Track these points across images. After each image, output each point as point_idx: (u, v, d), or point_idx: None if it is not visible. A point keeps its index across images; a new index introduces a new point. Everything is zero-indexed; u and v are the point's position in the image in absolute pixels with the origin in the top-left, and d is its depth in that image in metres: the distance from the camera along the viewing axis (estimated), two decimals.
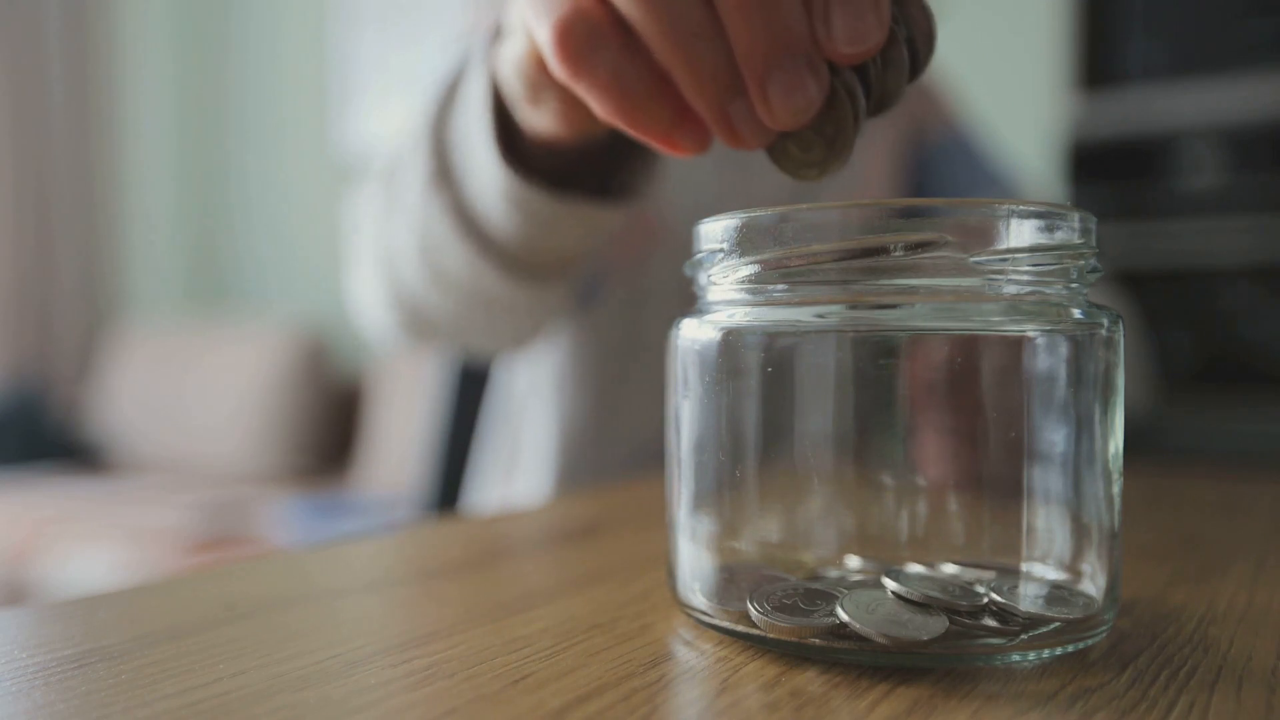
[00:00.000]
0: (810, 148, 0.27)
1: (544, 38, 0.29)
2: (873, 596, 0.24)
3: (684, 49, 0.26)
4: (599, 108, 0.29)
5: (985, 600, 0.24)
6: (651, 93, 0.28)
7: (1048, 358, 0.24)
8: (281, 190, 2.82)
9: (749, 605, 0.24)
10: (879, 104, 0.27)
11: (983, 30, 1.68)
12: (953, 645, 0.23)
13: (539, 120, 0.39)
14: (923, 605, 0.23)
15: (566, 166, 0.44)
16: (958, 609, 0.23)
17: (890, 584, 0.24)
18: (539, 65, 0.36)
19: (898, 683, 0.22)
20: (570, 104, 0.37)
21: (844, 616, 0.23)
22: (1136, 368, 0.78)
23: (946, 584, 0.25)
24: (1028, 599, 0.24)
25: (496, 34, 0.42)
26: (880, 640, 0.22)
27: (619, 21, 0.28)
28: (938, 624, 0.23)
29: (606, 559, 0.35)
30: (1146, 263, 1.33)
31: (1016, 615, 0.23)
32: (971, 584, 0.25)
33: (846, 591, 0.24)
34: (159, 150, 2.92)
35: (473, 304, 0.53)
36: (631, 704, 0.21)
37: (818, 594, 0.25)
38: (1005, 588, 0.24)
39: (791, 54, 0.25)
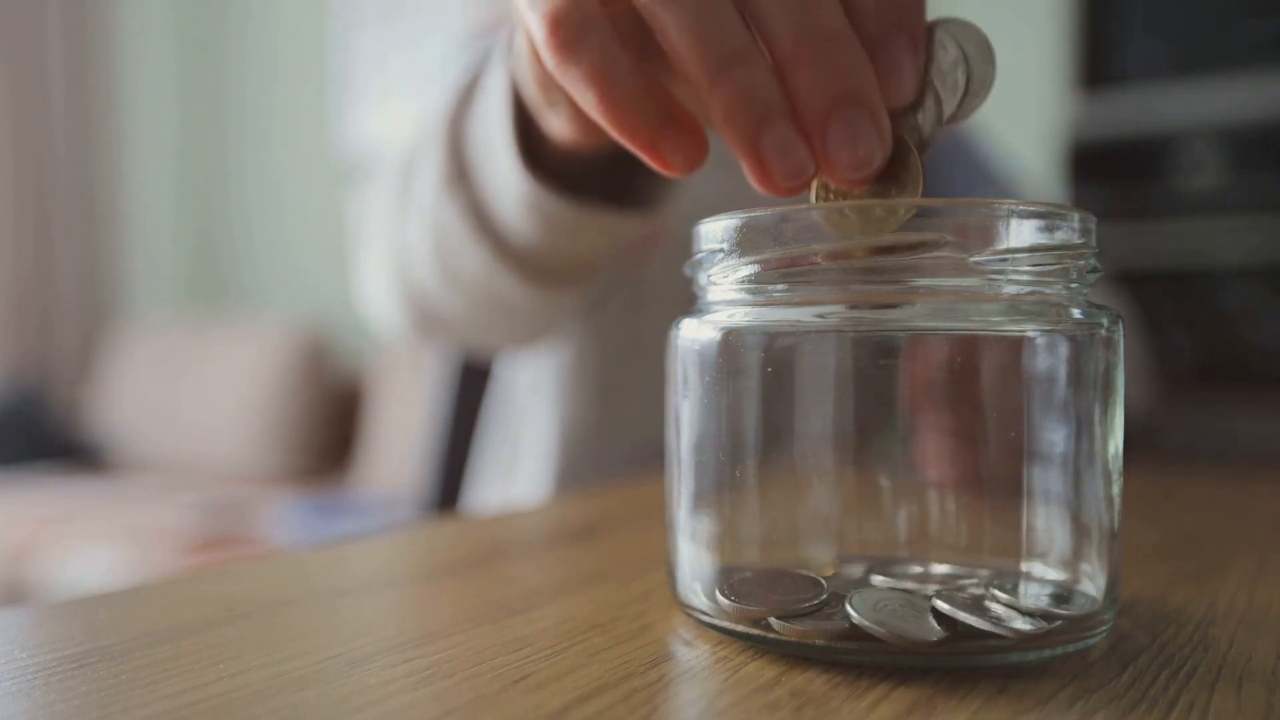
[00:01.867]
0: (869, 212, 0.24)
1: (536, 27, 0.28)
2: (879, 596, 0.24)
3: (717, 68, 0.24)
4: (584, 101, 0.28)
5: (986, 601, 0.24)
6: (639, 87, 0.27)
7: (1048, 358, 0.24)
8: (281, 190, 2.82)
9: (754, 606, 0.24)
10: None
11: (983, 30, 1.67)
12: (955, 645, 0.23)
13: (555, 124, 0.38)
14: (927, 605, 0.23)
15: (586, 172, 0.43)
16: (962, 609, 0.23)
17: (894, 584, 0.24)
18: (543, 63, 0.35)
19: (898, 683, 0.22)
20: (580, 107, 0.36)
21: (855, 617, 0.23)
22: (1136, 368, 0.78)
23: (948, 583, 0.25)
24: (1028, 599, 0.24)
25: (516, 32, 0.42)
26: (890, 640, 0.22)
27: (619, 23, 0.28)
28: (944, 624, 0.23)
29: (606, 559, 0.35)
30: (1146, 263, 1.33)
31: (1017, 615, 0.23)
32: (972, 584, 0.25)
33: (853, 591, 0.24)
34: (159, 150, 2.92)
35: (485, 305, 0.53)
36: (631, 704, 0.21)
37: (820, 594, 0.25)
38: (1005, 587, 0.24)
39: (857, 104, 0.24)
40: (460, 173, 0.47)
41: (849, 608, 0.23)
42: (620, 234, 0.46)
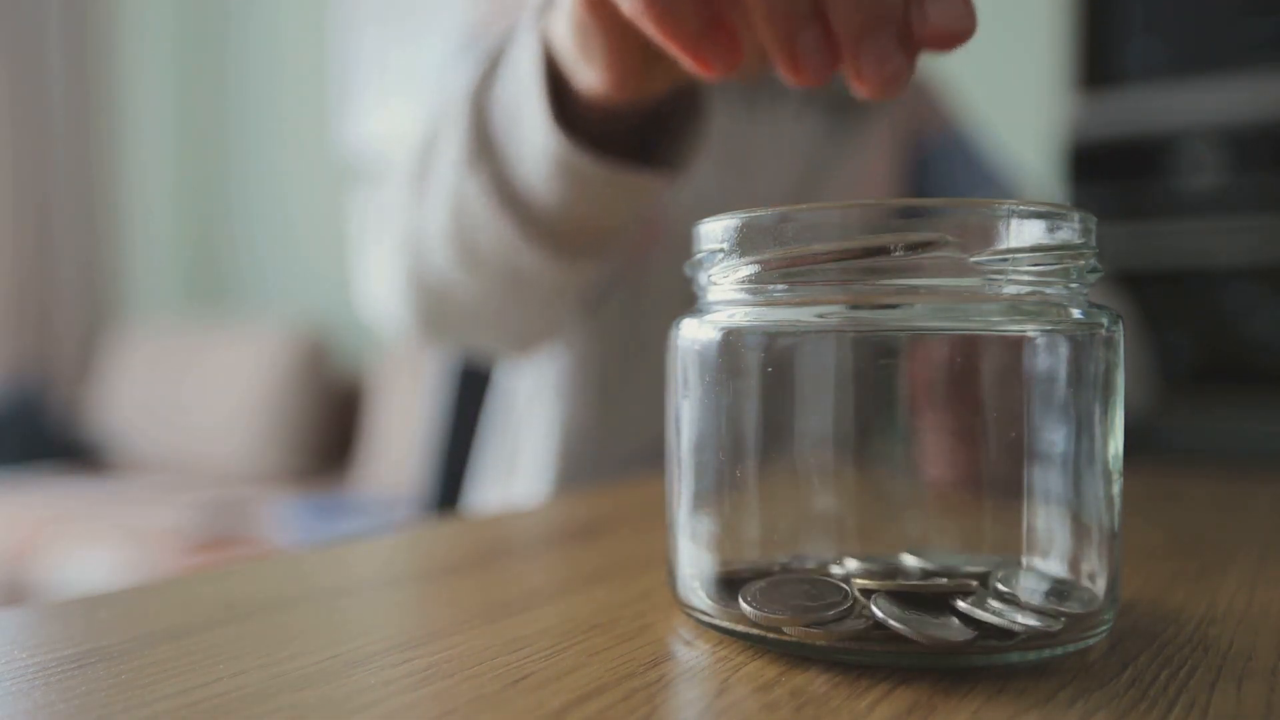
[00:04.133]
0: None
1: None
2: (897, 596, 0.24)
3: None
4: (632, 6, 0.30)
5: (990, 600, 0.24)
6: None
7: (1048, 358, 0.24)
8: (281, 190, 2.82)
9: (768, 609, 0.24)
10: None
11: (983, 30, 1.67)
12: (966, 645, 0.23)
13: (591, 74, 0.39)
14: (942, 605, 0.23)
15: (613, 134, 0.44)
16: (979, 609, 0.23)
17: (900, 584, 0.24)
18: (587, 6, 0.36)
19: (898, 683, 0.22)
20: (618, 51, 0.37)
21: (880, 616, 0.23)
22: (1136, 368, 0.78)
23: (952, 583, 0.24)
24: (1031, 597, 0.24)
25: (546, 3, 0.43)
26: (922, 641, 0.22)
27: None
28: (968, 626, 0.22)
29: (606, 559, 0.35)
30: (1146, 263, 1.33)
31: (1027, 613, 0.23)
32: (975, 584, 0.24)
33: (871, 591, 0.24)
34: (159, 150, 2.92)
35: (502, 283, 0.53)
36: (631, 704, 0.21)
37: (826, 594, 0.25)
38: (1008, 586, 0.24)
39: (887, 26, 0.27)
40: (484, 146, 0.48)
41: (875, 609, 0.23)
42: (642, 196, 0.46)
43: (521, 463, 0.69)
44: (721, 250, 0.26)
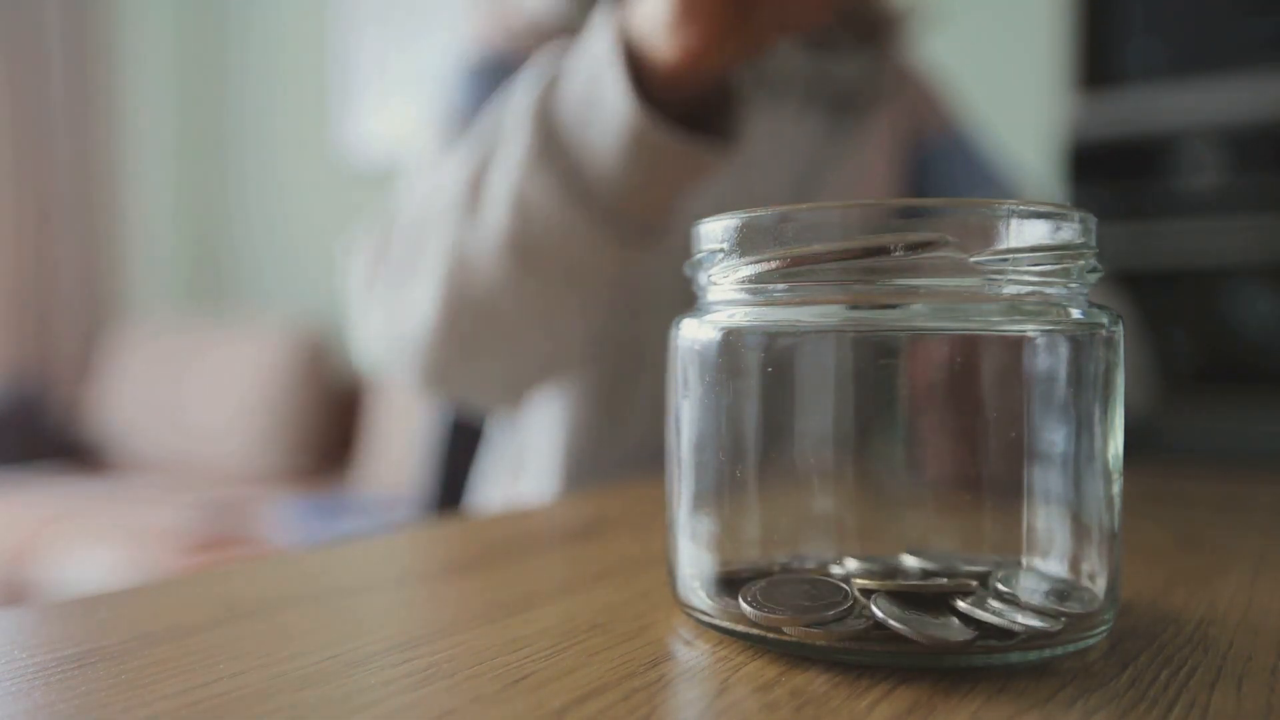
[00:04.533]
0: None
1: None
2: (897, 596, 0.24)
3: None
4: None
5: (991, 600, 0.24)
6: None
7: (1048, 358, 0.24)
8: (281, 190, 2.82)
9: (768, 609, 0.24)
10: None
11: (983, 30, 1.67)
12: (968, 645, 0.23)
13: (680, 38, 0.45)
14: (941, 604, 0.23)
15: (678, 111, 0.49)
16: (981, 608, 0.23)
17: (900, 584, 0.24)
18: None
19: (898, 682, 0.22)
20: (712, 10, 0.43)
21: (880, 616, 0.23)
22: (1136, 368, 0.78)
23: (952, 583, 0.24)
24: (1031, 597, 0.24)
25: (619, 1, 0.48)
26: (922, 641, 0.22)
27: None
28: (968, 626, 0.22)
29: (606, 559, 0.35)
30: (1146, 263, 1.33)
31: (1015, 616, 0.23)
32: (975, 584, 0.24)
33: (871, 591, 0.24)
34: (159, 150, 2.92)
35: (558, 282, 0.54)
36: (631, 704, 0.21)
37: (826, 594, 0.25)
38: (1009, 586, 0.24)
39: None
40: (550, 145, 0.50)
41: (875, 609, 0.23)
42: (704, 170, 0.50)
43: (528, 462, 0.69)
44: (721, 250, 0.26)
